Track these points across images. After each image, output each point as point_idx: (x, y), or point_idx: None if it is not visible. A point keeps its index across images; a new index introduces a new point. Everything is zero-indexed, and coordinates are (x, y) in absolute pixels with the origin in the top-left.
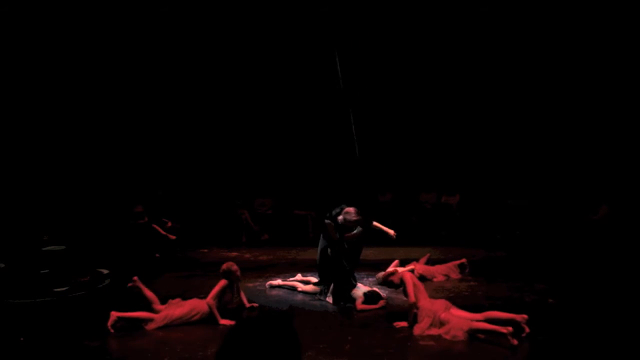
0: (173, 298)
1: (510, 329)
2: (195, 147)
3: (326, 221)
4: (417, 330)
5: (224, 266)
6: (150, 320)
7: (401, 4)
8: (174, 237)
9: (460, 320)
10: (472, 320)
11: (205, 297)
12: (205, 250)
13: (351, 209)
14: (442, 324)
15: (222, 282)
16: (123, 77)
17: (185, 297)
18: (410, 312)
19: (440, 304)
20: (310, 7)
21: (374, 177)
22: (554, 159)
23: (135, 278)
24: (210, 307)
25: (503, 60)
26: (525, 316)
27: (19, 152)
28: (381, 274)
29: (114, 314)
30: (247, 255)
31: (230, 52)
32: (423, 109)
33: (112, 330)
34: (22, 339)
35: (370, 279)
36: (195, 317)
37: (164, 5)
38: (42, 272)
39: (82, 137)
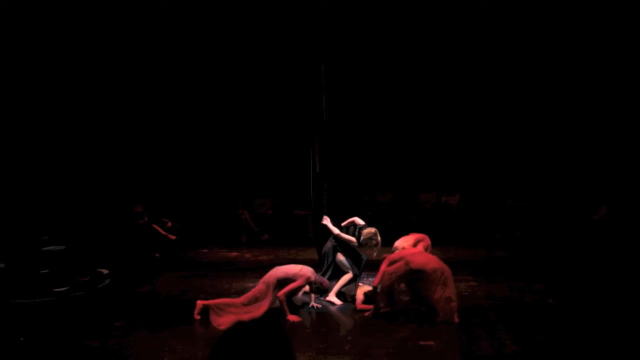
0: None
1: None
2: (195, 147)
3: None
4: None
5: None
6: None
7: (401, 2)
8: (174, 237)
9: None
10: None
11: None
12: (205, 250)
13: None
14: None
15: (299, 283)
16: (123, 77)
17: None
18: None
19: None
20: (311, 7)
21: (373, 177)
22: (554, 159)
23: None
24: (280, 301)
25: (503, 60)
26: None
27: (19, 152)
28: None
29: (200, 303)
30: (247, 255)
31: (230, 52)
32: (423, 109)
33: (198, 317)
34: (22, 339)
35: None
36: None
37: (163, 5)
38: (42, 272)
39: (82, 137)
